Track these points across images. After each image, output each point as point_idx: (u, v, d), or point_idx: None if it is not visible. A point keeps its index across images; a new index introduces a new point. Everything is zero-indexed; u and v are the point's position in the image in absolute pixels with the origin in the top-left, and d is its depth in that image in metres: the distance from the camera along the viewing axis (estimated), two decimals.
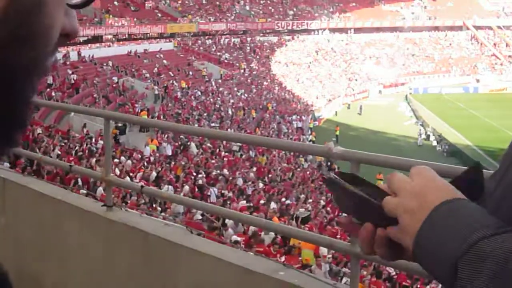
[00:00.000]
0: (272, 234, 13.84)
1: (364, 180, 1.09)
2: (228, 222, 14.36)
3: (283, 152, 38.23)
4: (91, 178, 15.66)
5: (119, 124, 30.07)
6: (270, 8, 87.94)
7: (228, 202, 19.14)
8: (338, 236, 15.24)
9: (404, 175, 1.04)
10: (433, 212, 0.92)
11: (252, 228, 13.68)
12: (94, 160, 20.36)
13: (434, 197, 0.94)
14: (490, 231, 0.84)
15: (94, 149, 23.46)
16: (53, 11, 0.70)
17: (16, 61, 0.67)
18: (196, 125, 38.18)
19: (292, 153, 39.64)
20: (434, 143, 49.50)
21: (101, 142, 23.93)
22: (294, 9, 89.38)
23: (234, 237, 13.25)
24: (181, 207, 16.07)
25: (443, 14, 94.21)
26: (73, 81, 39.65)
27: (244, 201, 20.32)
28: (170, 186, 19.65)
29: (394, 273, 14.89)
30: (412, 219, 0.94)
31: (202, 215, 14.74)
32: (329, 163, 37.51)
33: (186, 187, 20.26)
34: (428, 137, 51.10)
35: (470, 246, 0.83)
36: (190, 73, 58.62)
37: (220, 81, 59.70)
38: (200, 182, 22.10)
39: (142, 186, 5.02)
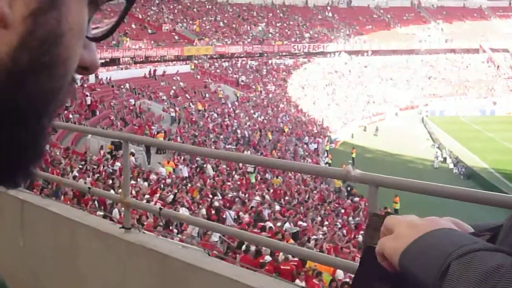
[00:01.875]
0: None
1: None
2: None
3: (299, 174, 38.22)
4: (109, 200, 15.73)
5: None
6: (286, 30, 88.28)
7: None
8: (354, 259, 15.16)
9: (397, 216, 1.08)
10: (423, 235, 0.97)
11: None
12: (111, 181, 20.48)
13: (426, 227, 0.99)
14: (462, 250, 0.88)
15: (111, 170, 23.58)
16: (71, 43, 0.70)
17: (33, 90, 0.67)
18: (213, 147, 38.29)
19: (309, 176, 39.60)
20: (451, 165, 49.26)
21: (118, 164, 24.07)
22: (311, 32, 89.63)
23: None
24: (197, 229, 16.08)
25: (459, 37, 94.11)
26: (90, 103, 39.87)
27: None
28: (186, 209, 19.66)
29: None
30: (402, 241, 0.99)
31: (219, 237, 14.74)
32: (349, 188, 37.42)
33: (203, 210, 20.26)
34: (444, 159, 50.86)
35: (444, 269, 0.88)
36: (207, 95, 58.84)
37: (236, 103, 59.84)
38: (216, 204, 22.10)
39: (160, 209, 5.03)
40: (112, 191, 15.15)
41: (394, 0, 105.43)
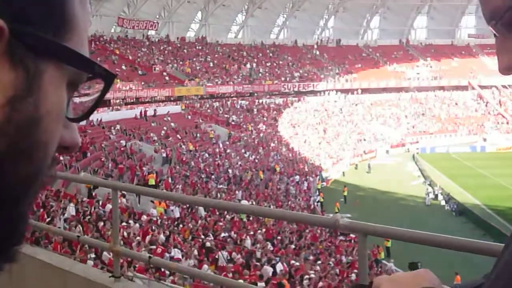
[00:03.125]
0: None
1: None
2: None
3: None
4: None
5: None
6: (276, 70, 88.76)
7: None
8: None
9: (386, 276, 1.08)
10: None
11: None
12: (102, 223, 20.41)
13: (413, 285, 1.01)
14: None
15: (102, 212, 23.51)
16: (50, 127, 0.70)
17: (13, 177, 0.67)
18: (204, 187, 38.27)
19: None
20: (443, 202, 49.24)
21: (109, 205, 23.98)
22: (300, 71, 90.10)
23: None
24: None
25: (448, 74, 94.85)
26: (81, 145, 39.77)
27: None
28: (177, 250, 19.57)
29: None
30: None
31: None
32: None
33: (195, 250, 20.17)
34: (436, 196, 50.85)
35: None
36: (198, 135, 58.92)
37: (227, 143, 59.91)
38: (208, 244, 22.01)
39: (150, 257, 5.01)
40: (101, 239, 15.08)
41: (383, 39, 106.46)
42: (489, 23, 0.94)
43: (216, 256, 20.44)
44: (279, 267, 20.99)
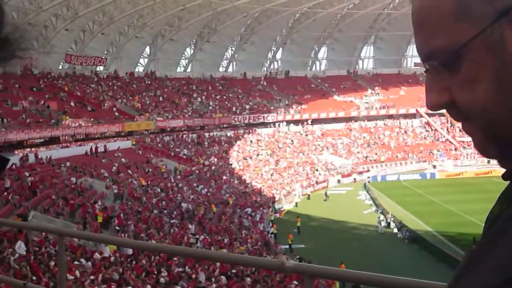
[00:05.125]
0: None
1: None
2: None
3: (245, 246, 38.14)
4: None
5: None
6: (226, 102, 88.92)
7: None
8: None
9: None
10: None
11: None
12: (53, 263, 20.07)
13: None
14: None
15: (54, 251, 23.14)
16: None
17: None
18: (157, 222, 37.90)
19: (258, 246, 39.47)
20: (395, 230, 49.55)
21: None
22: (250, 103, 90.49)
23: None
24: None
25: (396, 103, 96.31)
26: (30, 184, 39.18)
27: None
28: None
29: None
30: None
31: None
32: (298, 257, 37.34)
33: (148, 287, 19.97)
34: (388, 224, 51.16)
35: None
36: (149, 170, 58.62)
37: (179, 177, 59.70)
38: (162, 280, 21.81)
39: None
40: (53, 279, 14.84)
41: (331, 70, 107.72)
42: (425, 60, 0.98)
43: None
44: None
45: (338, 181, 75.98)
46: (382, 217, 52.95)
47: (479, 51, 0.91)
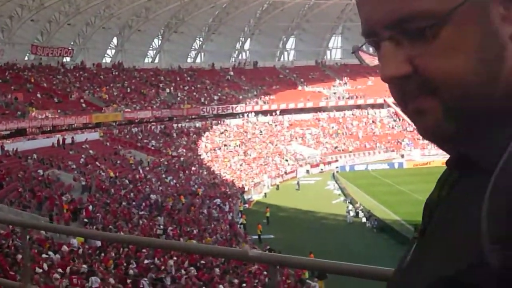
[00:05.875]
0: None
1: None
2: None
3: (216, 235, 38.12)
4: None
5: None
6: (194, 93, 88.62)
7: None
8: None
9: None
10: None
11: None
12: (20, 256, 19.85)
13: None
14: None
15: (20, 244, 22.89)
16: None
17: None
18: (126, 214, 37.71)
19: (228, 237, 39.43)
20: (364, 220, 49.78)
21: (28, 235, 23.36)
22: (219, 94, 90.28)
23: None
24: None
25: (364, 93, 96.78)
26: None
27: None
28: (95, 278, 19.14)
29: None
30: None
31: None
32: (268, 247, 37.33)
33: (111, 280, 19.79)
34: (357, 214, 51.37)
35: None
36: (118, 161, 58.27)
37: (148, 168, 59.41)
38: (131, 272, 21.70)
39: None
40: (20, 271, 14.65)
41: (299, 60, 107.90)
42: (392, 28, 0.91)
43: (141, 286, 20.18)
44: None
45: (307, 171, 76.19)
46: (350, 206, 53.16)
47: (465, 17, 0.86)
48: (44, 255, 21.28)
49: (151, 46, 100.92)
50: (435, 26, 0.87)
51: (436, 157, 75.82)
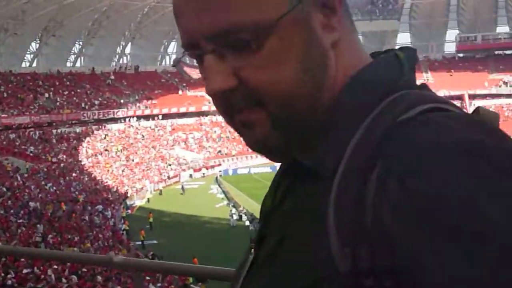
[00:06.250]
0: None
1: None
2: None
3: (99, 242, 37.59)
4: None
5: None
6: (74, 98, 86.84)
7: None
8: None
9: None
10: None
11: None
12: None
13: None
14: None
15: None
16: None
17: None
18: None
19: (110, 244, 38.92)
20: (247, 223, 50.23)
21: None
22: (100, 99, 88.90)
23: None
24: None
25: None
26: None
27: None
28: None
29: None
30: None
31: None
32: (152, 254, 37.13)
33: None
34: (240, 217, 51.78)
35: None
36: None
37: (26, 175, 57.80)
38: (9, 282, 21.10)
39: None
40: None
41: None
42: (213, 39, 0.88)
43: None
44: None
45: (190, 175, 76.18)
46: (234, 210, 53.56)
47: (289, 27, 0.84)
48: None
49: (29, 50, 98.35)
50: (260, 38, 0.85)
51: None
